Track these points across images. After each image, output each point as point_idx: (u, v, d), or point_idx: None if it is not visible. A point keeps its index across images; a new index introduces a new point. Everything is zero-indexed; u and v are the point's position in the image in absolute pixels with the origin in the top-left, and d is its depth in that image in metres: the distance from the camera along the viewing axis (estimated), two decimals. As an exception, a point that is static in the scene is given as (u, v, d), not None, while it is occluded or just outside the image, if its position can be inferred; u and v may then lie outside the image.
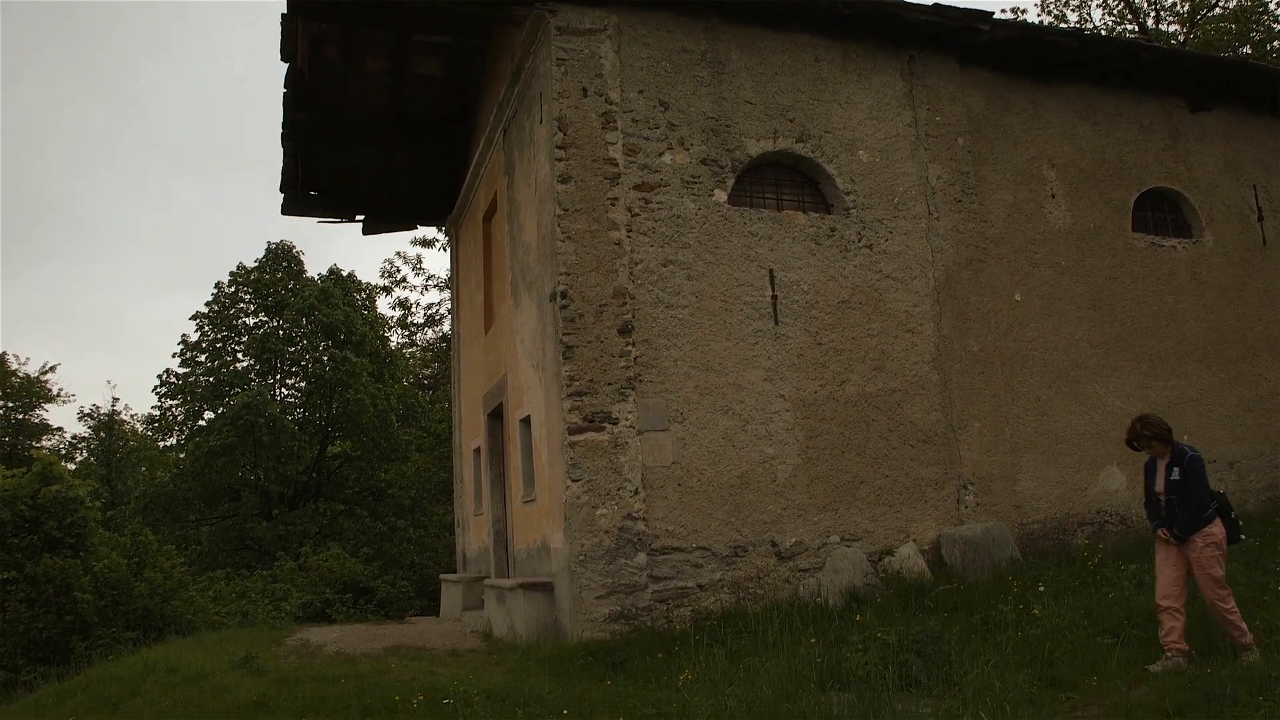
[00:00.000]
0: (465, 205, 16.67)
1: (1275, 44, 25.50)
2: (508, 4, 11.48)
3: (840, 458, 11.20)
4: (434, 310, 34.22)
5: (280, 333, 30.16)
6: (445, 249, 25.54)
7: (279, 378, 30.94)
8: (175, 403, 30.50)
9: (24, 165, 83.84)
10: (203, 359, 30.37)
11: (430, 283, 33.52)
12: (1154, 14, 26.82)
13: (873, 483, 11.29)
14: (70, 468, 30.26)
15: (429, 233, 29.99)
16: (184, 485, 28.17)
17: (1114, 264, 13.55)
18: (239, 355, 30.63)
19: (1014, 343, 12.56)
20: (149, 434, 34.94)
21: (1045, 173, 13.40)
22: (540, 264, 11.34)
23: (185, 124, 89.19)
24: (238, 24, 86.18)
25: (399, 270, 33.99)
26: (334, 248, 76.16)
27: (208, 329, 30.46)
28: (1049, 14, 26.75)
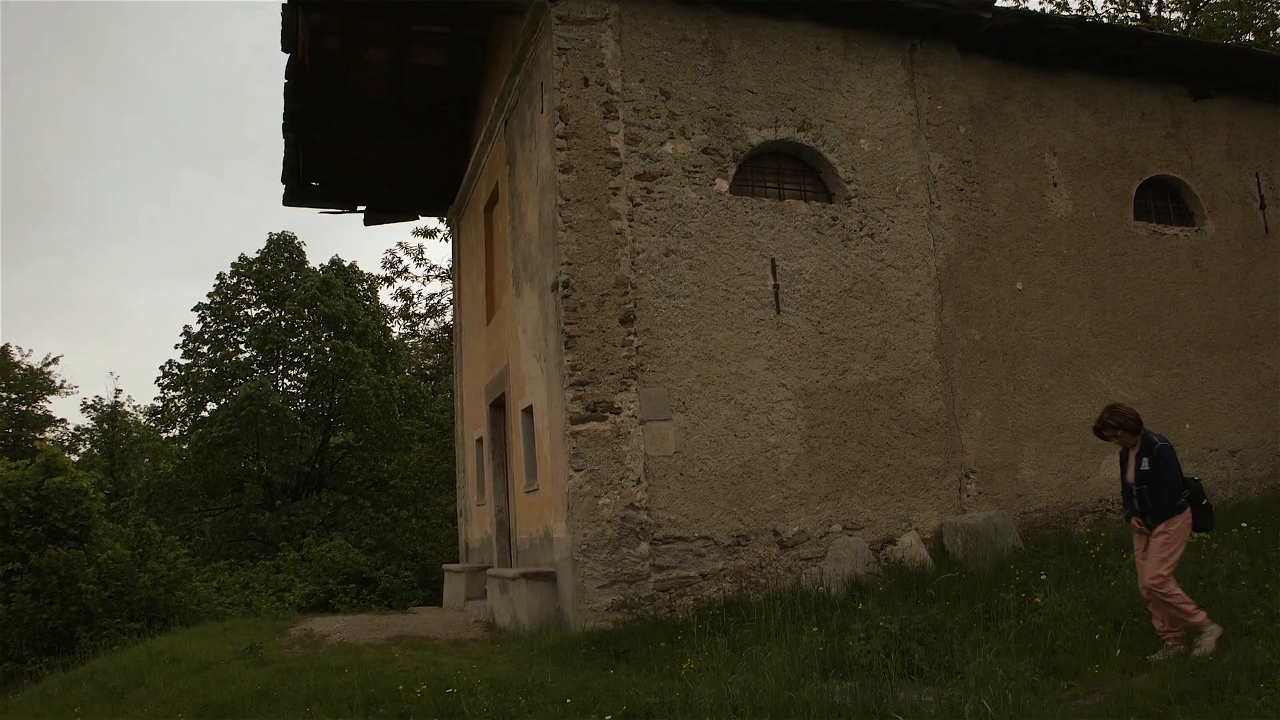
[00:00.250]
0: (467, 195, 16.66)
1: (1278, 31, 25.40)
2: (508, -7, 11.47)
3: (842, 447, 11.21)
4: (436, 300, 34.28)
5: (282, 323, 30.14)
6: (447, 239, 25.53)
7: (281, 368, 30.92)
8: (178, 394, 30.52)
9: (25, 156, 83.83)
10: (205, 350, 30.36)
11: (432, 273, 33.54)
12: (1156, 1, 26.73)
13: (875, 472, 11.31)
14: (74, 459, 30.29)
15: (430, 223, 30.01)
16: (187, 476, 28.18)
17: (1116, 252, 13.53)
18: (241, 346, 30.61)
19: (1016, 331, 12.56)
20: (152, 425, 34.97)
21: (1047, 161, 13.38)
22: (542, 254, 11.34)
23: (186, 115, 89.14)
24: (238, 14, 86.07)
25: (401, 261, 34.08)
26: (335, 238, 76.30)
27: (210, 320, 30.45)
28: (1051, 1, 26.67)
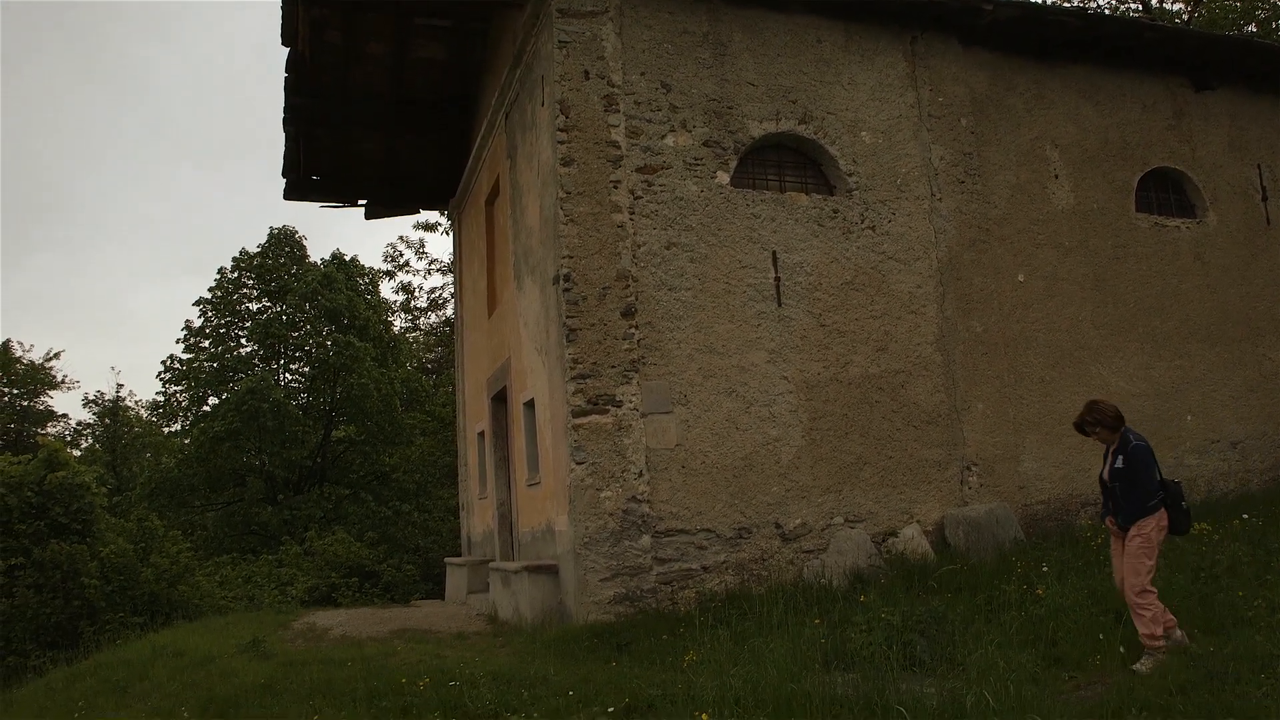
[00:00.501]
0: (468, 189, 16.65)
1: (1280, 22, 25.32)
2: (508, -14, 11.45)
3: (844, 439, 11.22)
4: (437, 294, 34.26)
5: (283, 318, 30.16)
6: (448, 233, 25.52)
7: (283, 363, 30.95)
8: (179, 388, 30.54)
9: (26, 154, 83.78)
10: (206, 345, 30.39)
11: (433, 267, 33.52)
12: (1158, -8, 26.63)
13: (876, 464, 11.31)
14: (76, 454, 30.36)
15: (432, 217, 29.97)
16: (189, 471, 28.23)
17: (1117, 244, 13.52)
18: (242, 341, 30.64)
19: (1017, 324, 12.55)
20: (154, 420, 35.01)
21: (1048, 153, 13.35)
22: (543, 247, 11.33)
23: (187, 110, 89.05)
24: (239, 8, 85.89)
25: (402, 254, 33.96)
26: (336, 233, 76.28)
27: (211, 315, 30.46)
28: (1052, -7, 26.57)
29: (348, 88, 15.72)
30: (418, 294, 34.69)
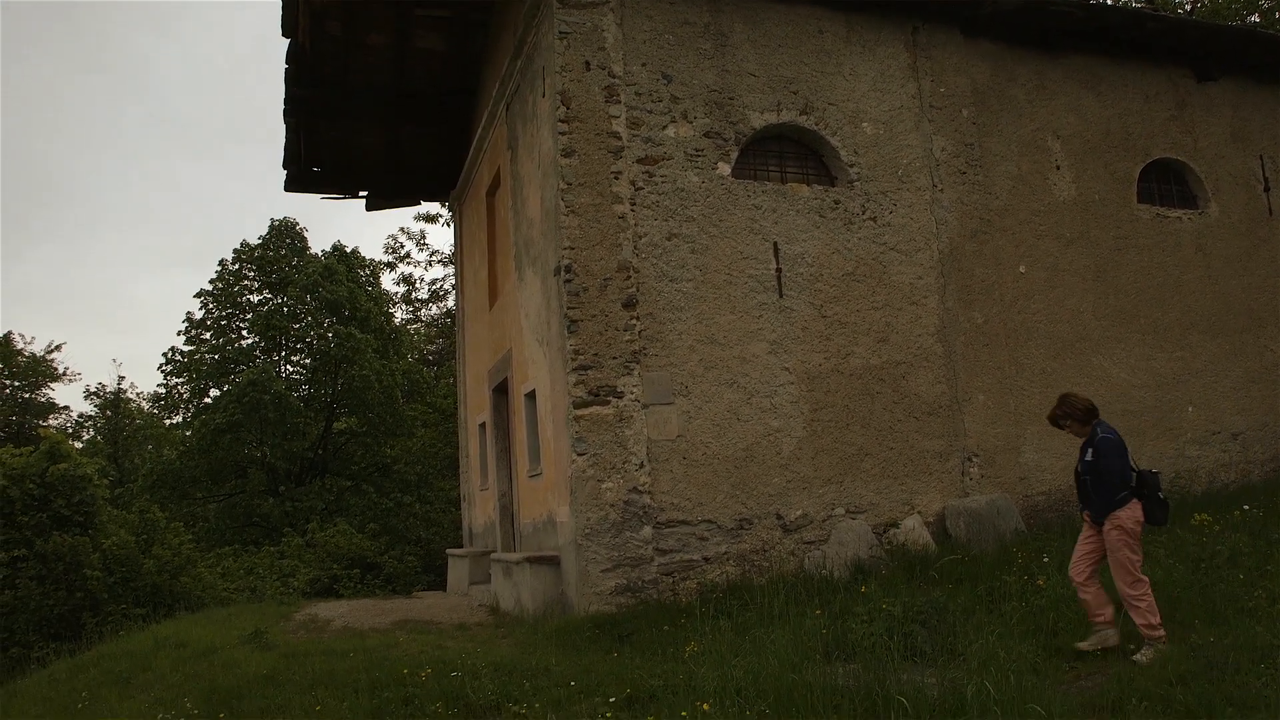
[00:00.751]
0: (468, 180, 16.63)
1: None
2: (509, -23, 11.42)
3: (845, 430, 11.22)
4: (438, 286, 34.25)
5: (285, 309, 30.16)
6: (449, 224, 25.52)
7: (284, 354, 30.95)
8: (181, 380, 30.57)
9: (26, 145, 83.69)
10: (208, 336, 30.41)
11: (434, 258, 33.54)
12: (1160, -17, 26.55)
13: (877, 455, 11.32)
14: (78, 446, 30.38)
15: (433, 208, 29.93)
16: (190, 463, 28.25)
17: (1119, 235, 13.50)
18: (244, 332, 30.65)
19: (1018, 315, 12.55)
20: (155, 412, 35.02)
21: (1050, 144, 13.33)
22: (544, 238, 11.33)
23: (187, 101, 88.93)
24: (240, 6, 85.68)
25: (403, 246, 33.96)
26: (337, 224, 76.17)
27: (212, 307, 30.47)
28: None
29: (348, 79, 15.69)
30: (419, 285, 34.76)
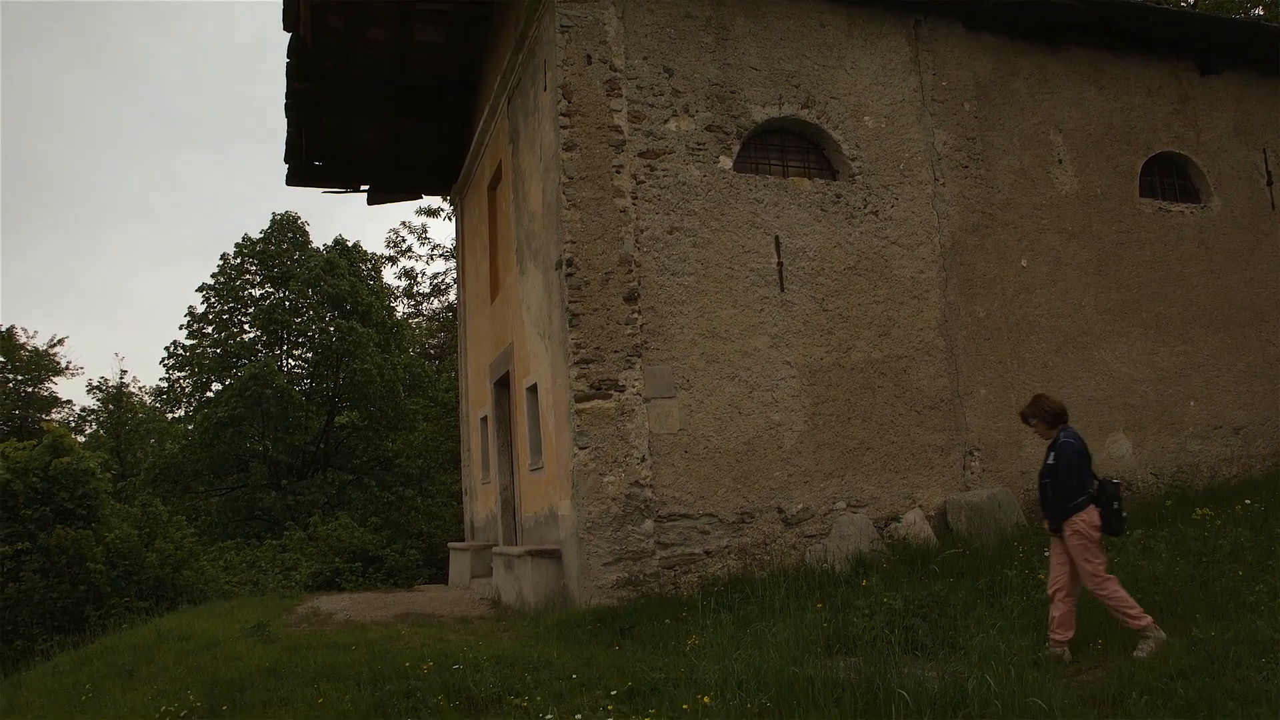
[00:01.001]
0: (470, 174, 16.62)
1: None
2: (510, -30, 11.40)
3: (846, 424, 11.23)
4: (440, 280, 34.28)
5: (286, 304, 30.20)
6: (450, 218, 25.50)
7: (286, 349, 31.01)
8: (183, 374, 30.63)
9: (28, 141, 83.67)
10: (209, 331, 30.46)
11: (436, 252, 33.57)
12: (1164, -25, 26.45)
13: (879, 449, 11.32)
14: (80, 440, 30.43)
15: (434, 202, 29.97)
16: (193, 456, 28.32)
17: (1121, 229, 13.48)
18: (245, 326, 30.70)
19: (1020, 309, 12.54)
20: (157, 406, 35.11)
21: (1052, 138, 13.31)
22: (546, 232, 11.32)
23: (188, 96, 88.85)
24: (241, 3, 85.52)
25: (404, 240, 33.95)
26: (339, 218, 76.15)
27: (214, 301, 30.52)
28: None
29: (349, 73, 15.68)
30: (420, 279, 34.73)
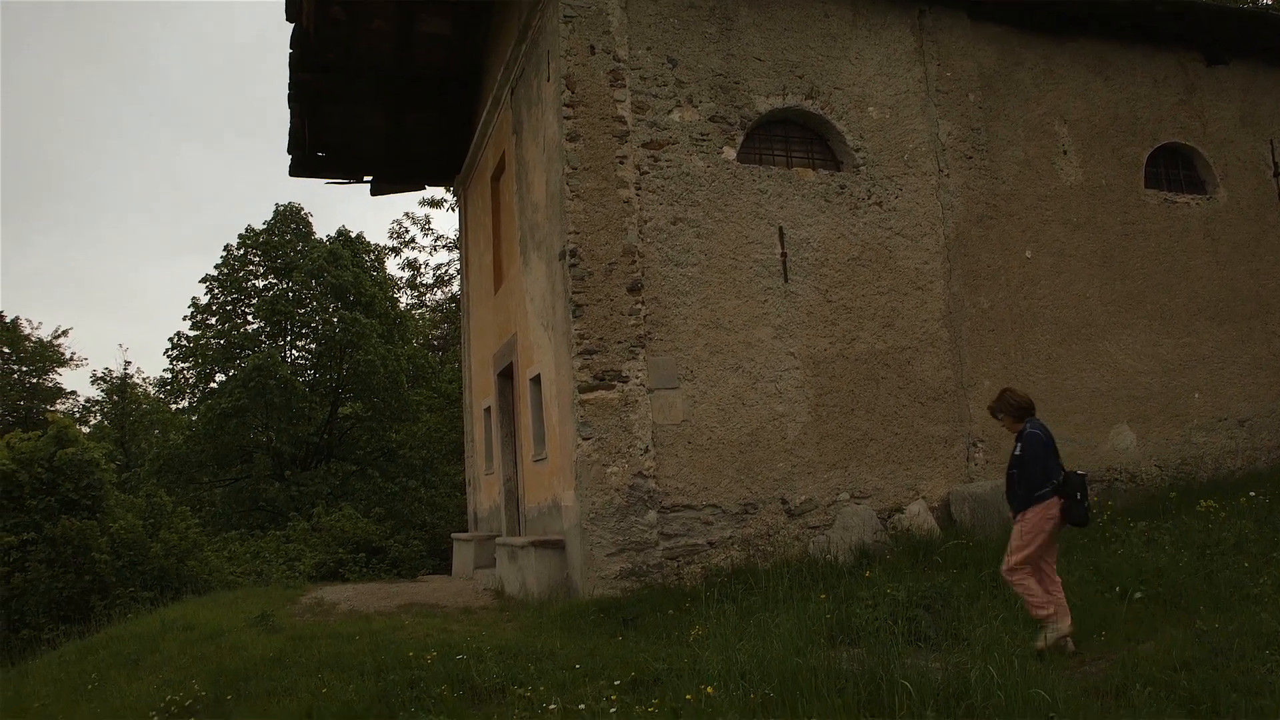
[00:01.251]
0: (473, 165, 16.60)
1: (1294, -5, 25.03)
2: (514, -40, 11.36)
3: (850, 415, 11.22)
4: (443, 271, 34.19)
5: (290, 295, 30.18)
6: (454, 209, 25.47)
7: (289, 339, 30.99)
8: (186, 365, 30.62)
9: (29, 132, 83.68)
10: (213, 322, 30.45)
11: (439, 243, 33.48)
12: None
13: (882, 440, 11.32)
14: (85, 431, 30.45)
15: (437, 193, 29.87)
16: (197, 447, 28.34)
17: (1126, 221, 13.44)
18: (249, 318, 30.68)
19: (1025, 300, 12.51)
20: (161, 397, 35.13)
21: (1057, 129, 13.26)
22: (549, 223, 11.31)
23: (191, 87, 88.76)
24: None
25: (407, 231, 33.97)
26: (342, 209, 76.01)
27: (217, 292, 30.49)
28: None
29: (353, 64, 15.65)
30: (423, 270, 34.69)
